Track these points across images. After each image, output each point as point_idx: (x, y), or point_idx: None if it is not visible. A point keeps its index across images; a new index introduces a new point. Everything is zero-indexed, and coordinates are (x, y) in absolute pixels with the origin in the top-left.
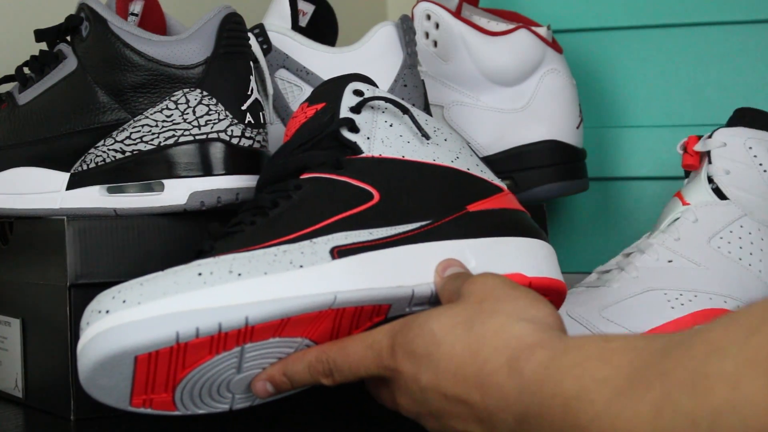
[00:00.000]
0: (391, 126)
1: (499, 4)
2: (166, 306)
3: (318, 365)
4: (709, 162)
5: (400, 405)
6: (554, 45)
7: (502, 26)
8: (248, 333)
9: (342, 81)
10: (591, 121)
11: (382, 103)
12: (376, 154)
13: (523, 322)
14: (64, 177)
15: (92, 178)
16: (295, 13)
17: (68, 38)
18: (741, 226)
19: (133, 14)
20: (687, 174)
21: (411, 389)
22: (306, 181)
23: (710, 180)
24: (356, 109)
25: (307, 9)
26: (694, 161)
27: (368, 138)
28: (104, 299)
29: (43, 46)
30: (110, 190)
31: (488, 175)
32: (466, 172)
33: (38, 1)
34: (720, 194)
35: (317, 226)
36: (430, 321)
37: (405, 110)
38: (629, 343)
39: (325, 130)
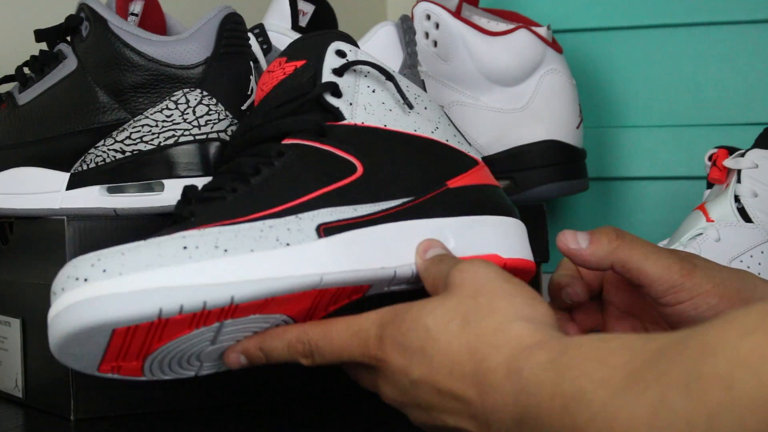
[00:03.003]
0: (373, 92)
1: (499, 4)
2: (149, 280)
3: (298, 345)
4: (738, 181)
5: (383, 394)
6: (554, 45)
7: (502, 26)
8: (231, 311)
9: (324, 39)
10: (591, 121)
11: (364, 66)
12: (358, 122)
13: (522, 321)
14: (64, 177)
15: (92, 178)
16: (295, 13)
17: (68, 38)
18: (762, 252)
19: (133, 14)
20: (709, 185)
21: (399, 381)
22: (288, 148)
23: (736, 199)
24: (339, 72)
25: (307, 9)
26: (722, 176)
27: (350, 104)
28: (82, 266)
29: (43, 46)
30: (110, 190)
31: (464, 146)
32: (445, 144)
33: (38, 1)
34: (744, 215)
35: (302, 200)
36: (423, 315)
37: (389, 77)
38: (626, 343)
39: (308, 95)
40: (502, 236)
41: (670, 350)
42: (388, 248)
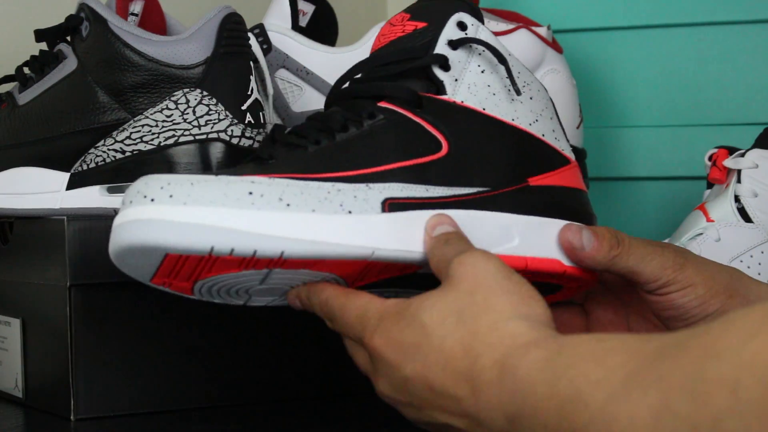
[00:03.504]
0: (482, 72)
1: (499, 4)
2: (208, 216)
3: (325, 308)
4: (738, 181)
5: (377, 388)
6: (554, 45)
7: (502, 26)
8: (280, 263)
9: (449, 6)
10: (591, 121)
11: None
12: (458, 100)
13: (518, 319)
14: (64, 177)
15: (92, 178)
16: (295, 13)
17: (68, 38)
18: (762, 252)
19: (133, 14)
20: (709, 185)
21: (392, 377)
22: (380, 111)
23: (736, 199)
24: (454, 45)
25: (307, 9)
26: (722, 176)
27: (456, 80)
28: (152, 185)
29: (43, 46)
30: (110, 190)
31: (561, 144)
32: (539, 139)
33: (38, 1)
34: (744, 215)
35: (378, 169)
36: (421, 311)
37: (503, 60)
38: (623, 344)
39: (416, 61)
40: None
41: (670, 352)
42: None
